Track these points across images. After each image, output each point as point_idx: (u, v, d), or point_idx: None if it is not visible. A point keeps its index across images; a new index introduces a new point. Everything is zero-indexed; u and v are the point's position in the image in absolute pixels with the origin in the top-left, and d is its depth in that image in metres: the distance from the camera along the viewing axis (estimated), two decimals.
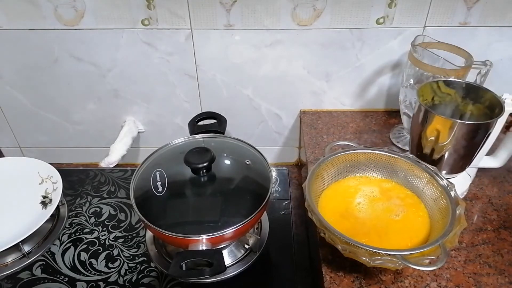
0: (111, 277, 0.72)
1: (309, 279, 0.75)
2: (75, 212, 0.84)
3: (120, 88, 0.96)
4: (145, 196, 0.66)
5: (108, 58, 0.91)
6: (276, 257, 0.76)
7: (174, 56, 0.90)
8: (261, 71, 0.92)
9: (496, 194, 0.74)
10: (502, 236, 0.66)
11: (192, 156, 0.68)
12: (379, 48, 0.88)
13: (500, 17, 0.82)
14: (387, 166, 0.69)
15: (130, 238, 0.79)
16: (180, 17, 0.84)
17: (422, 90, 0.69)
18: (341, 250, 0.56)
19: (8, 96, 0.98)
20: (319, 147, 0.87)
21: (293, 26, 0.85)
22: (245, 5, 0.82)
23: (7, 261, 0.74)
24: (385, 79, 0.93)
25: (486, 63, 0.76)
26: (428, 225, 0.62)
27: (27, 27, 0.86)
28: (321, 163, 0.67)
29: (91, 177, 0.93)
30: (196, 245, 0.60)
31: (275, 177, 0.93)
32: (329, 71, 0.92)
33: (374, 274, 0.61)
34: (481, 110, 0.68)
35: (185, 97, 0.97)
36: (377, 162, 0.69)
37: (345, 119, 0.95)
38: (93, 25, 0.86)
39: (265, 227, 0.78)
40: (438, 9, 0.82)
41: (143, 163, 0.72)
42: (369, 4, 0.81)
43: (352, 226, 0.62)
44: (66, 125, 1.04)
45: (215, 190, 0.68)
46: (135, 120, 1.02)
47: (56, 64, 0.92)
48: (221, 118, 0.81)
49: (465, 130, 0.63)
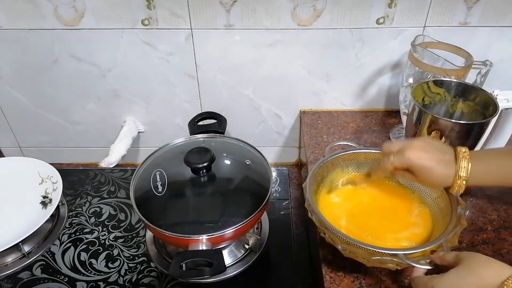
0: (111, 277, 0.72)
1: (309, 279, 0.75)
2: (75, 212, 0.84)
3: (120, 88, 0.96)
4: (145, 196, 0.66)
5: (108, 58, 0.91)
6: (276, 257, 0.76)
7: (174, 56, 0.90)
8: (261, 71, 0.92)
9: (496, 194, 0.74)
10: (502, 236, 0.66)
11: (192, 156, 0.68)
12: (379, 48, 0.88)
13: (500, 17, 0.82)
14: None
15: (130, 238, 0.79)
16: (180, 17, 0.84)
17: (415, 91, 0.69)
18: (341, 250, 0.56)
19: (8, 96, 0.98)
20: (319, 147, 0.87)
21: (293, 26, 0.85)
22: (245, 5, 0.82)
23: (7, 261, 0.74)
24: (385, 79, 0.93)
25: (486, 63, 0.76)
26: (429, 224, 0.62)
27: (27, 27, 0.86)
28: (321, 163, 0.67)
29: (91, 177, 0.93)
30: (196, 245, 0.60)
31: (275, 177, 0.93)
32: (329, 71, 0.92)
33: (374, 274, 0.61)
34: (471, 108, 0.69)
35: (185, 97, 0.97)
36: (377, 162, 0.69)
37: (345, 119, 0.95)
38: (93, 25, 0.86)
39: (265, 227, 0.78)
40: (438, 9, 0.82)
41: (143, 163, 0.72)
42: (369, 4, 0.81)
43: (352, 226, 0.62)
44: (66, 125, 1.04)
45: (215, 190, 0.68)
46: (135, 120, 1.02)
47: (56, 64, 0.92)
48: (221, 118, 0.81)
49: (460, 129, 0.63)
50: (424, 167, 0.55)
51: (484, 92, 0.67)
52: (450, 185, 0.55)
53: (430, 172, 0.55)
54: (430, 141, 0.58)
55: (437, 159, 0.55)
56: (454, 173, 0.54)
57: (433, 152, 0.55)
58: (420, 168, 0.55)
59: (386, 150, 0.59)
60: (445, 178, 0.55)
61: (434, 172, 0.55)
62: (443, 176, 0.55)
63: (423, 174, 0.55)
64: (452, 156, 0.56)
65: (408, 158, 0.55)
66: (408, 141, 0.58)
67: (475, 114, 0.69)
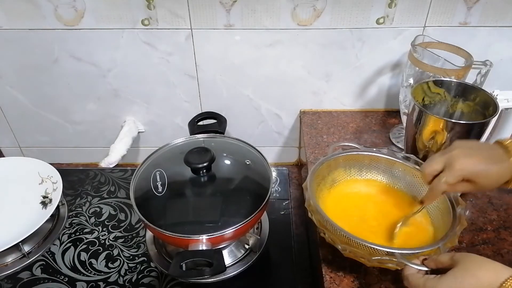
0: (111, 277, 0.72)
1: (309, 279, 0.75)
2: (75, 212, 0.84)
3: (120, 88, 0.96)
4: (145, 196, 0.66)
5: (108, 58, 0.91)
6: (276, 257, 0.76)
7: (174, 56, 0.90)
8: (261, 71, 0.92)
9: (496, 194, 0.74)
10: (502, 236, 0.66)
11: (192, 156, 0.68)
12: (379, 48, 0.87)
13: (500, 17, 0.82)
14: (387, 167, 0.69)
15: (130, 238, 0.79)
16: (180, 17, 0.84)
17: (415, 91, 0.69)
18: (341, 250, 0.56)
19: (8, 96, 0.98)
20: (319, 147, 0.87)
21: (293, 26, 0.85)
22: (245, 5, 0.82)
23: (7, 261, 0.74)
24: (385, 79, 0.93)
25: (486, 63, 0.76)
26: (429, 224, 0.62)
27: (27, 27, 0.86)
28: (322, 162, 0.66)
29: (91, 177, 0.93)
30: (196, 245, 0.60)
31: (275, 177, 0.93)
32: (329, 71, 0.92)
33: (374, 274, 0.61)
34: (471, 108, 0.69)
35: (185, 97, 0.97)
36: (378, 163, 0.69)
37: (345, 119, 0.95)
38: (93, 25, 0.86)
39: (265, 227, 0.78)
40: (438, 9, 0.82)
41: (143, 163, 0.72)
42: (369, 4, 0.81)
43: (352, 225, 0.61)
44: (66, 125, 1.03)
45: (215, 190, 0.68)
46: (135, 120, 1.02)
47: (56, 64, 0.92)
48: (221, 118, 0.81)
49: (460, 129, 0.63)
50: (481, 172, 0.52)
51: (484, 92, 0.67)
52: (508, 179, 0.53)
53: (487, 174, 0.52)
54: (465, 142, 0.55)
55: (487, 158, 0.52)
56: (510, 166, 0.51)
57: (480, 154, 0.53)
58: (476, 175, 0.52)
59: (428, 171, 0.55)
60: (503, 173, 0.52)
61: (491, 172, 0.52)
62: (501, 172, 0.52)
63: (481, 179, 0.52)
64: (499, 149, 0.53)
65: (461, 170, 0.52)
66: (447, 153, 0.54)
67: (475, 114, 0.69)
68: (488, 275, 0.43)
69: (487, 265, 0.45)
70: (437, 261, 0.49)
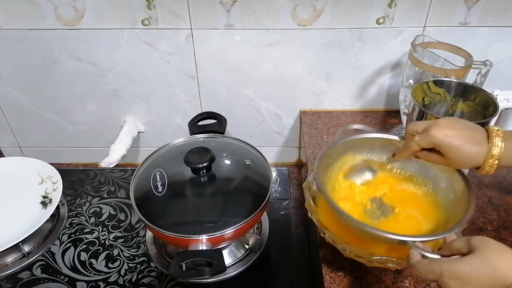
0: (111, 277, 0.72)
1: (309, 279, 0.75)
2: (75, 212, 0.84)
3: (120, 88, 0.96)
4: (145, 196, 0.66)
5: (108, 58, 0.91)
6: (276, 257, 0.76)
7: (174, 56, 0.90)
8: (261, 71, 0.92)
9: (496, 194, 0.74)
10: (502, 236, 0.66)
11: (192, 156, 0.68)
12: (379, 48, 0.88)
13: (500, 17, 0.82)
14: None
15: (130, 238, 0.79)
16: (180, 17, 0.84)
17: (415, 91, 0.69)
18: (341, 250, 0.56)
19: (8, 96, 0.98)
20: (319, 147, 0.87)
21: (293, 26, 0.85)
22: (245, 5, 0.82)
23: (7, 261, 0.74)
24: (385, 79, 0.93)
25: (486, 63, 0.76)
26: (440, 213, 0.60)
27: (27, 27, 0.86)
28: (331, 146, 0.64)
29: (91, 177, 0.93)
30: (196, 245, 0.60)
31: (275, 177, 0.93)
32: (329, 71, 0.92)
33: (374, 274, 0.61)
34: (471, 108, 0.69)
35: (185, 97, 0.97)
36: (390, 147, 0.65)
37: (345, 119, 0.95)
38: (93, 25, 0.86)
39: (265, 227, 0.78)
40: (438, 9, 0.82)
41: (143, 163, 0.72)
42: (369, 4, 0.81)
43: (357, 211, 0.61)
44: (66, 125, 1.04)
45: (215, 190, 0.68)
46: (135, 120, 1.02)
47: (56, 64, 0.92)
48: (221, 118, 0.81)
49: None
50: (452, 145, 0.51)
51: (484, 92, 0.67)
52: (480, 165, 0.52)
53: (458, 150, 0.51)
54: (458, 119, 0.54)
55: (467, 136, 0.51)
56: (485, 152, 0.50)
57: (462, 130, 0.52)
58: (447, 147, 0.51)
59: (410, 130, 0.56)
60: (476, 157, 0.51)
61: (463, 151, 0.51)
62: (474, 154, 0.51)
63: (451, 153, 0.51)
64: (483, 134, 0.52)
65: (434, 137, 0.51)
66: (435, 120, 0.54)
67: (475, 114, 0.68)
68: (504, 266, 0.41)
69: (505, 254, 0.42)
70: (452, 248, 0.46)
